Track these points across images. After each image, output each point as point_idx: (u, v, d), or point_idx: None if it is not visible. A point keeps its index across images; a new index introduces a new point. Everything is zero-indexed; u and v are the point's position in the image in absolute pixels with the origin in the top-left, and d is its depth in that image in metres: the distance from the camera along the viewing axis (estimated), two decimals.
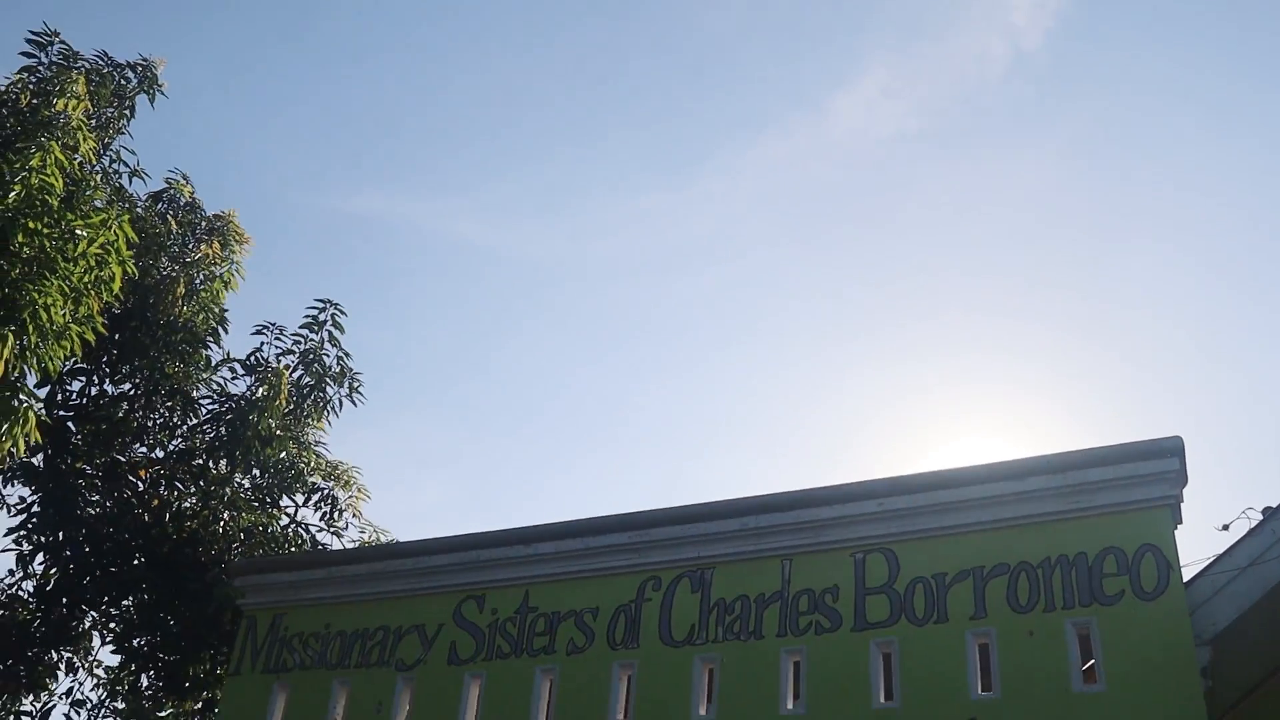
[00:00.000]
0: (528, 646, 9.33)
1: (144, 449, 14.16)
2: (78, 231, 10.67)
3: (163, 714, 14.06)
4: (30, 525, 13.66)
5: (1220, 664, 7.60)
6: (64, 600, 13.62)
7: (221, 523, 13.70)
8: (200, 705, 14.06)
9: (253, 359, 13.72)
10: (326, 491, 14.15)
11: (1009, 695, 7.74)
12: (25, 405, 10.05)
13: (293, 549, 13.59)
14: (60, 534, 13.47)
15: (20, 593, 14.17)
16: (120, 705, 14.37)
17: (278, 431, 13.18)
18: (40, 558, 13.61)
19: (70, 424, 13.67)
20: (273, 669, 10.29)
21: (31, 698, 14.19)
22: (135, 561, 13.27)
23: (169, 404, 13.86)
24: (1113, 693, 7.52)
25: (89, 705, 14.18)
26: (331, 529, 14.07)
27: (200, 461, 13.85)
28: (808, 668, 8.37)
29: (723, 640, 8.70)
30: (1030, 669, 7.78)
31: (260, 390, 13.29)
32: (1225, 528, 8.10)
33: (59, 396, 13.56)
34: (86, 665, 14.54)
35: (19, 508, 13.74)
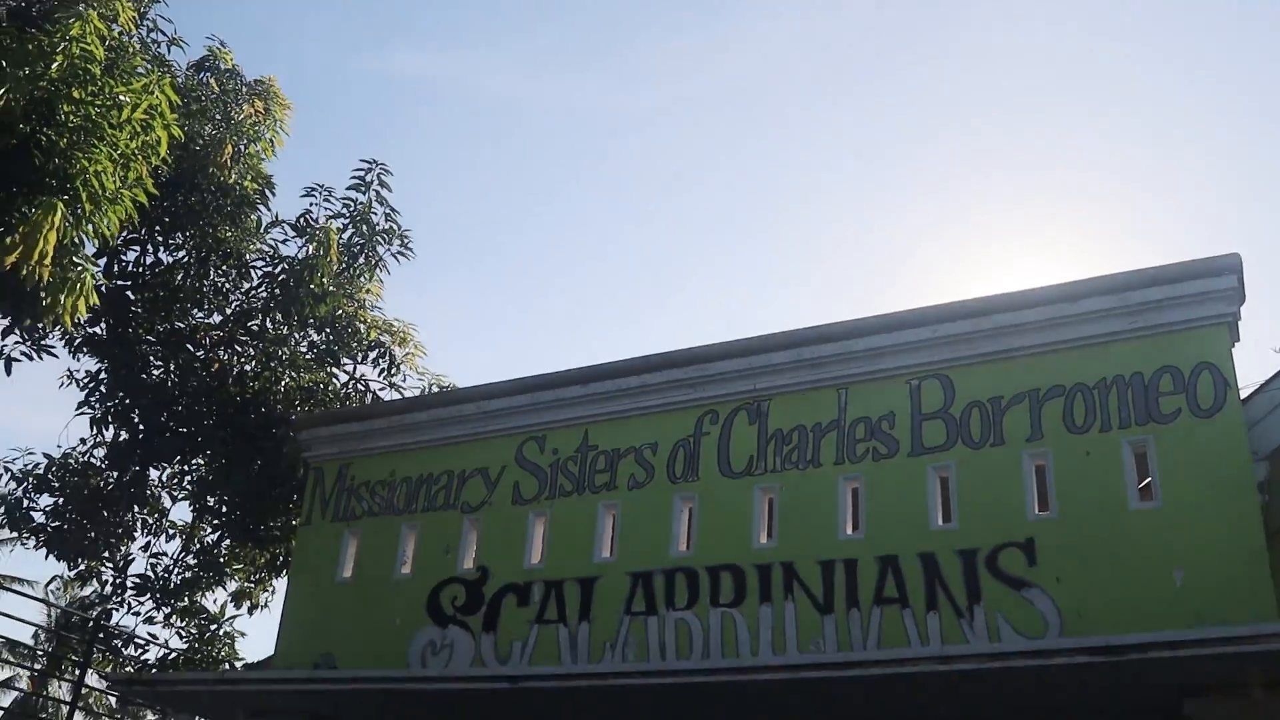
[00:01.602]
0: (589, 484, 9.54)
1: (202, 314, 14.36)
2: (121, 98, 10.67)
3: (237, 566, 14.54)
4: (99, 394, 13.98)
5: (1277, 479, 7.64)
6: (135, 461, 13.98)
7: (283, 383, 13.93)
8: (275, 556, 14.52)
9: (302, 220, 13.78)
10: (384, 348, 14.33)
11: (1065, 515, 7.83)
12: (83, 272, 10.17)
13: (354, 405, 13.83)
14: (127, 399, 13.77)
15: (93, 459, 14.56)
16: (193, 561, 14.85)
17: (331, 289, 13.28)
18: (110, 422, 13.94)
19: (129, 293, 13.85)
20: (342, 517, 10.60)
21: (107, 554, 14.67)
22: (203, 423, 13.56)
23: (223, 268, 13.98)
24: (1169, 509, 7.58)
25: (166, 558, 14.65)
26: (391, 383, 14.29)
27: (257, 323, 14.04)
28: (866, 494, 8.50)
29: (781, 470, 8.84)
30: (1087, 489, 7.86)
31: (311, 249, 13.37)
32: None
33: (115, 267, 13.72)
34: (160, 525, 15.00)
35: (87, 382, 14.05)
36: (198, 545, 14.85)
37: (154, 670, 13.41)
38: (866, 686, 7.26)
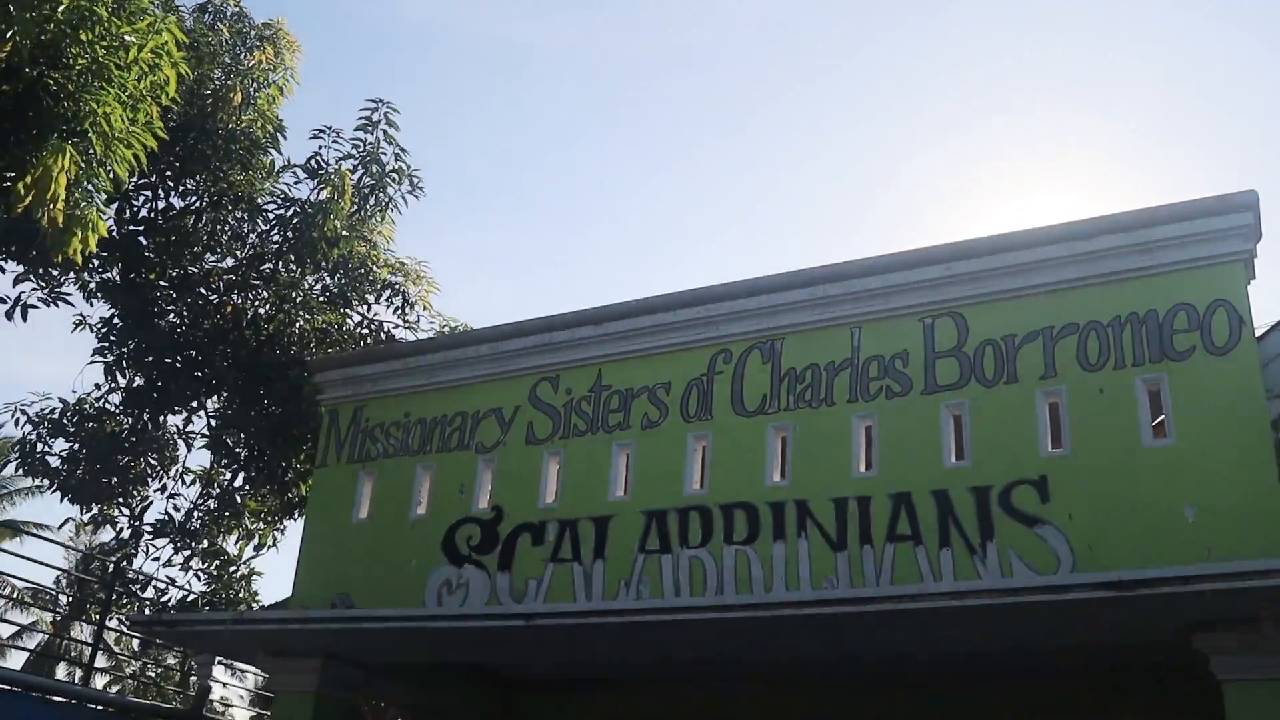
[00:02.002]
0: (603, 423, 9.57)
1: (215, 259, 14.37)
2: (127, 39, 10.61)
3: (253, 505, 14.64)
4: (113, 340, 14.03)
5: None
6: (151, 406, 14.05)
7: (297, 325, 13.96)
8: (291, 498, 14.61)
9: (313, 163, 13.74)
10: (397, 287, 14.34)
11: (1079, 451, 7.85)
12: (88, 208, 10.14)
13: (368, 346, 13.86)
14: (142, 344, 13.82)
15: (108, 404, 14.63)
16: (213, 505, 14.96)
17: (343, 232, 13.26)
18: (125, 367, 13.99)
19: (141, 239, 13.85)
20: (357, 459, 10.66)
21: (122, 501, 14.77)
22: (218, 366, 13.60)
23: (235, 213, 13.97)
24: (1183, 446, 7.59)
25: (183, 499, 14.77)
26: (405, 323, 14.32)
27: (270, 267, 14.05)
28: (879, 432, 8.52)
29: (794, 408, 8.86)
30: (1100, 426, 7.86)
31: (323, 193, 13.34)
32: None
33: (127, 212, 13.72)
34: (177, 471, 15.10)
35: (101, 327, 14.09)
36: (217, 490, 14.96)
37: (173, 612, 13.55)
38: (879, 622, 7.32)
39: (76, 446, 14.17)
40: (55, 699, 10.80)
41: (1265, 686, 6.80)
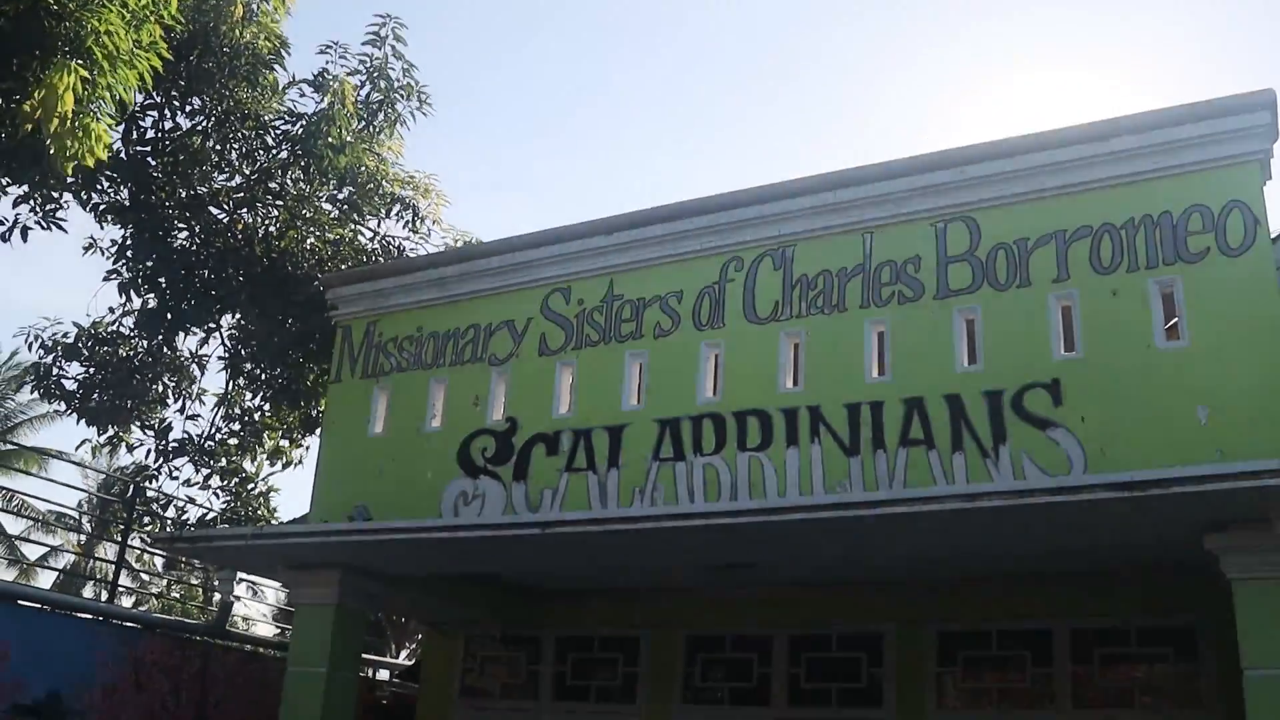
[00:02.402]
0: (615, 333, 9.58)
1: (224, 177, 14.34)
2: None
3: (272, 422, 14.76)
4: (125, 260, 14.04)
5: None
6: (165, 326, 14.10)
7: (308, 242, 13.96)
8: (309, 414, 14.72)
9: (319, 79, 13.63)
10: (407, 201, 14.30)
11: (1091, 354, 7.83)
12: (99, 125, 10.08)
13: (380, 261, 13.86)
14: (154, 264, 13.83)
15: (122, 328, 14.69)
16: (235, 426, 15.09)
17: (348, 139, 13.19)
18: (139, 287, 14.03)
19: (149, 159, 13.81)
20: (371, 374, 10.71)
21: (140, 424, 14.90)
22: (231, 284, 13.63)
23: (242, 131, 13.90)
24: (1196, 348, 7.57)
25: (202, 420, 14.90)
26: (416, 236, 14.30)
27: (278, 182, 14.01)
28: (891, 337, 8.51)
29: (806, 315, 8.84)
30: (1113, 329, 7.84)
31: (326, 100, 13.23)
32: None
33: (134, 133, 13.66)
34: (192, 391, 15.20)
35: (112, 249, 14.10)
36: (238, 411, 15.07)
37: (193, 529, 13.72)
38: (892, 525, 7.35)
39: (92, 370, 14.26)
40: (82, 616, 10.98)
41: (1276, 585, 6.83)
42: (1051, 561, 8.98)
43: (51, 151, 9.79)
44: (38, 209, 12.72)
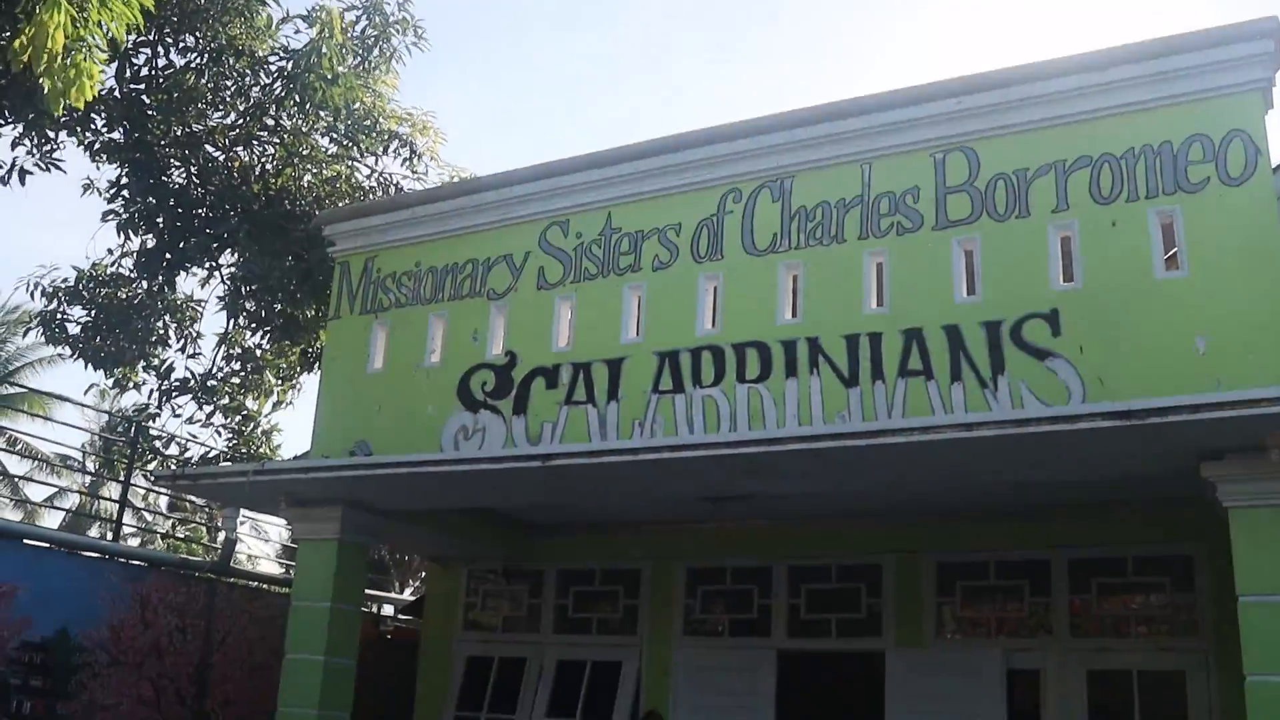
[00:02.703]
0: (614, 266, 9.55)
1: (219, 115, 14.23)
2: None
3: (272, 360, 14.77)
4: (122, 199, 13.97)
5: None
6: (164, 266, 14.07)
7: (305, 179, 13.88)
8: (308, 351, 14.73)
9: (312, 13, 13.47)
10: (404, 138, 14.20)
11: (1090, 285, 7.82)
12: (89, 63, 9.98)
13: (378, 198, 13.78)
14: (152, 201, 13.77)
15: (122, 269, 14.66)
16: (235, 366, 15.09)
17: (341, 70, 13.06)
18: (137, 226, 13.97)
19: (144, 98, 13.70)
20: (370, 309, 10.70)
21: (145, 365, 14.90)
22: (229, 222, 13.56)
23: (236, 67, 13.78)
24: (1195, 278, 7.55)
25: (202, 357, 14.91)
26: (414, 173, 14.21)
27: (273, 117, 13.90)
28: (890, 268, 8.49)
29: (805, 246, 8.81)
30: (1112, 259, 7.82)
31: (315, 31, 13.07)
32: None
33: (128, 72, 13.55)
34: (194, 331, 15.20)
35: (109, 188, 14.03)
36: (238, 350, 15.07)
37: (196, 466, 13.76)
38: (891, 454, 7.38)
39: (94, 313, 14.26)
40: (89, 554, 11.06)
41: (1271, 513, 6.88)
42: (1049, 492, 9.03)
43: (45, 90, 9.70)
44: (35, 150, 12.65)
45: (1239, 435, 6.68)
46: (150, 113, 13.66)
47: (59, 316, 14.22)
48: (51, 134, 12.70)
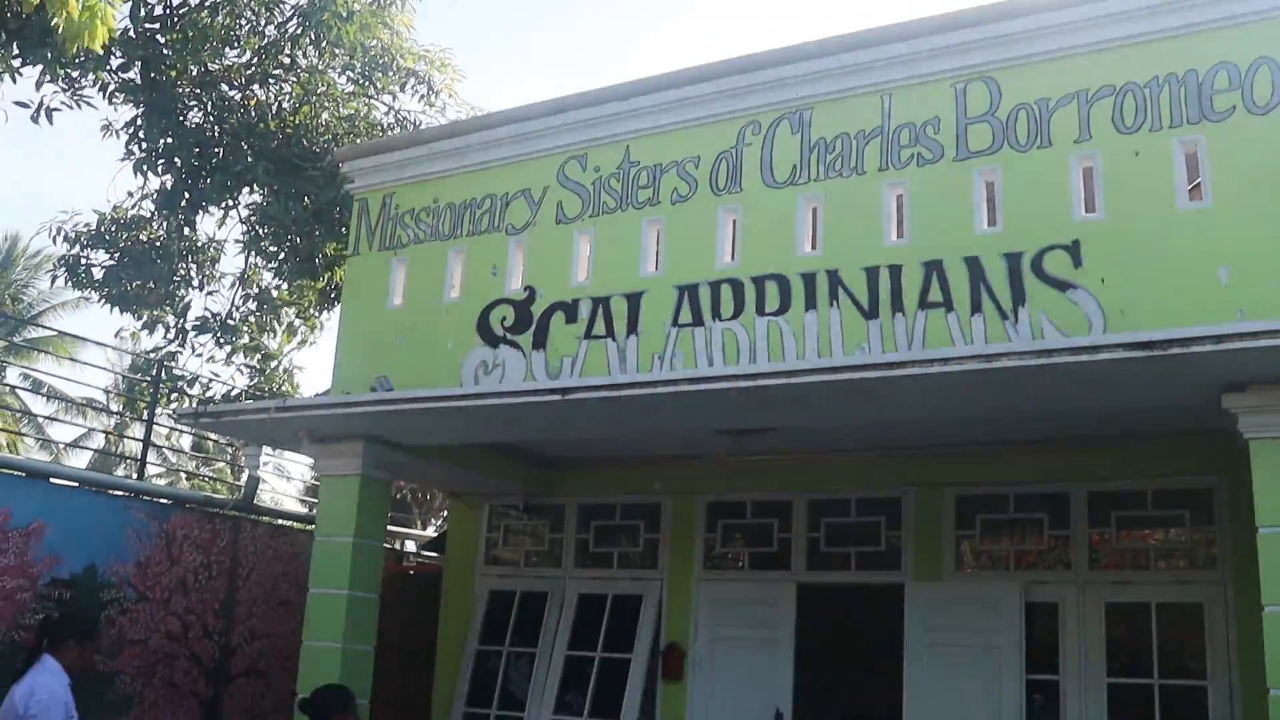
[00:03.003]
0: (632, 200, 9.50)
1: (235, 54, 14.18)
2: None
3: (291, 299, 14.83)
4: (139, 140, 13.97)
5: None
6: (184, 205, 14.09)
7: (323, 117, 13.85)
8: (328, 289, 14.78)
9: None
10: (421, 75, 14.14)
11: (1113, 215, 7.74)
12: (102, 4, 9.93)
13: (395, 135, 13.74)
14: (170, 140, 13.76)
15: (142, 211, 14.70)
16: (253, 305, 15.16)
17: (355, 7, 12.98)
18: (156, 165, 13.98)
19: (159, 37, 13.65)
20: (389, 246, 10.69)
21: (169, 306, 14.99)
22: (246, 160, 13.56)
23: (251, 5, 13.71)
24: (1218, 209, 7.46)
25: (222, 296, 14.98)
26: (431, 110, 14.18)
27: (288, 55, 13.85)
28: (910, 199, 8.42)
29: (825, 178, 8.74)
30: (1135, 190, 7.73)
31: None
32: None
33: (142, 11, 13.49)
34: (214, 272, 15.26)
35: (126, 128, 14.02)
36: (256, 290, 15.13)
37: (218, 404, 13.86)
38: (911, 386, 7.35)
39: (117, 256, 14.32)
40: (115, 493, 11.17)
41: None
42: (1069, 425, 9.01)
43: (60, 31, 9.67)
44: (62, 89, 12.63)
45: (1262, 366, 6.63)
46: (165, 52, 13.62)
47: (83, 261, 14.28)
48: (75, 74, 12.66)
